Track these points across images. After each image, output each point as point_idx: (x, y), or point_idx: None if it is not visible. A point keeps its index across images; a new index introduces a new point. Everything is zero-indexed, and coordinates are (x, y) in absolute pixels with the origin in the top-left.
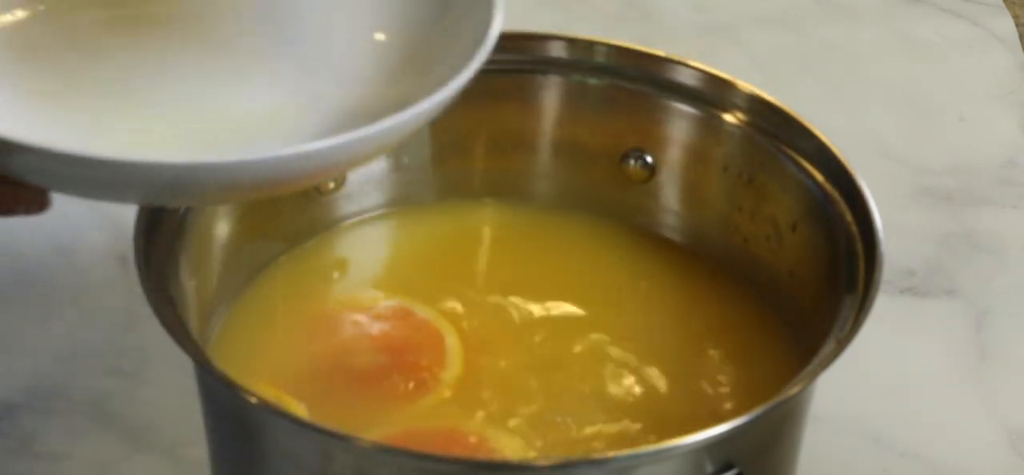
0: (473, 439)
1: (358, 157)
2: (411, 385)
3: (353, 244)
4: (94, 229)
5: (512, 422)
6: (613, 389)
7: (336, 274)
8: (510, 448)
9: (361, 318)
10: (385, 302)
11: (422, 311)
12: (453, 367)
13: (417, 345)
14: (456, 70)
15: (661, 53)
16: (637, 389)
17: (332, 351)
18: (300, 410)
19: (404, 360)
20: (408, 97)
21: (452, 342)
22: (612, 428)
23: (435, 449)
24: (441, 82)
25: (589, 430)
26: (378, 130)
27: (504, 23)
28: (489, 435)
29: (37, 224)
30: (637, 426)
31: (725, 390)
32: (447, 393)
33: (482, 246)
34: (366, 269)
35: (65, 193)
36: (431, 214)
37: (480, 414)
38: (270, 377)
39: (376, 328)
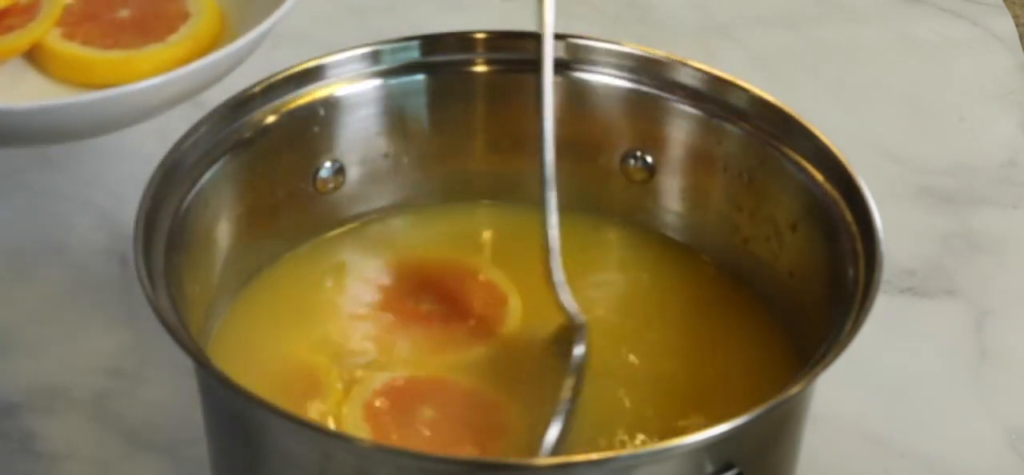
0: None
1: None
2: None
3: (352, 244)
4: (94, 229)
5: None
6: (614, 389)
7: (336, 273)
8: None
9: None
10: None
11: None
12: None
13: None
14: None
15: (661, 53)
16: (637, 389)
17: (335, 343)
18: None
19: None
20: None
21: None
22: (612, 428)
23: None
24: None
25: (590, 430)
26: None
27: (505, 23)
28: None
29: (37, 224)
30: (637, 425)
31: (725, 390)
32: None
33: (479, 247)
34: (366, 269)
35: None
36: (431, 215)
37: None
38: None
39: (373, 322)
